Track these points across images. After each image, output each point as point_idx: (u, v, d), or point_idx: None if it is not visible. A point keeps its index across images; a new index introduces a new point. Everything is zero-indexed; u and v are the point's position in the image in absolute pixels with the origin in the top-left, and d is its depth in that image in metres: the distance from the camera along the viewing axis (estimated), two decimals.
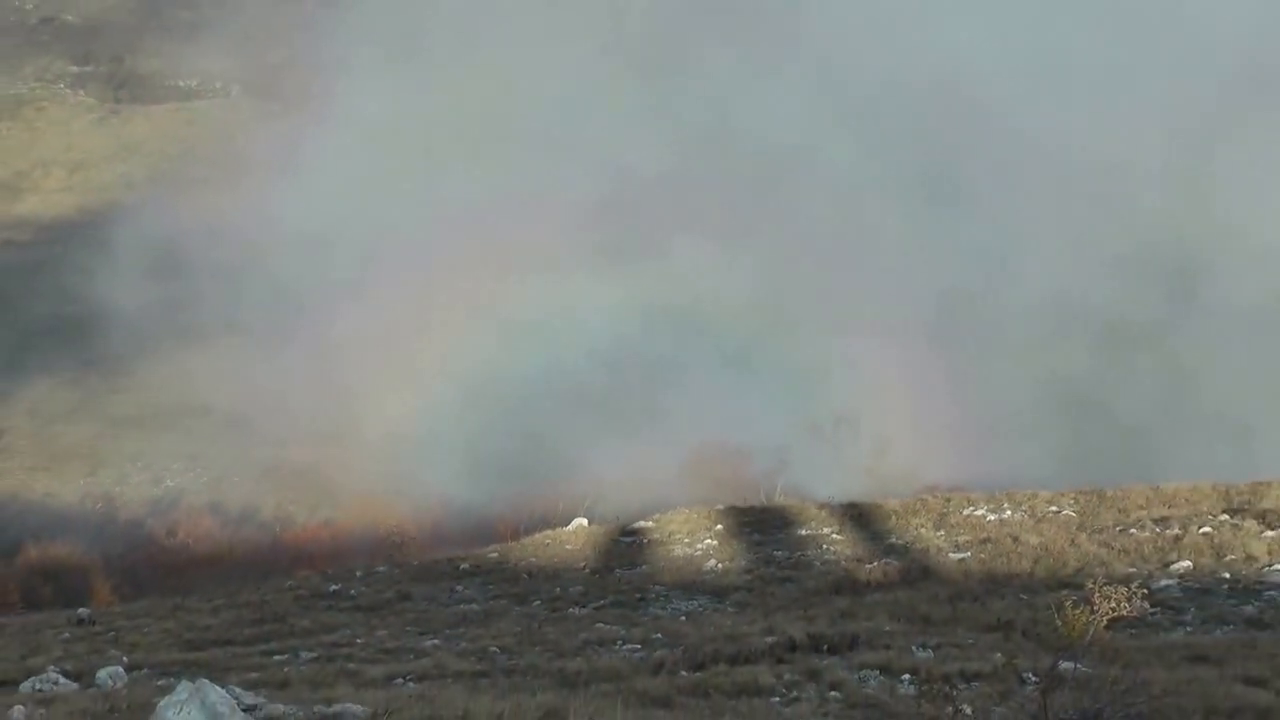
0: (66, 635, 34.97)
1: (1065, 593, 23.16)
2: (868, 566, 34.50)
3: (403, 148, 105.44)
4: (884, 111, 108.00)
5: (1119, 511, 37.22)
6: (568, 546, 41.51)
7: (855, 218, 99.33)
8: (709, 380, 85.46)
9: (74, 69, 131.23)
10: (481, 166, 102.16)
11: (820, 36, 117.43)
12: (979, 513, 39.07)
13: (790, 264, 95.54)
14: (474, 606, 34.33)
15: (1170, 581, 29.88)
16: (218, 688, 14.11)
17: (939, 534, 37.36)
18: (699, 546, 39.56)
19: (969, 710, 19.75)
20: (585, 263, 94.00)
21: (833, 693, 23.12)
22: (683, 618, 31.13)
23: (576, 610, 32.87)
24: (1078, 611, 22.17)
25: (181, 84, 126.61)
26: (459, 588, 37.12)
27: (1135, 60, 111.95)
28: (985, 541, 35.72)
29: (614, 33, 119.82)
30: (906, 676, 24.20)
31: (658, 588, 35.18)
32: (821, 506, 44.20)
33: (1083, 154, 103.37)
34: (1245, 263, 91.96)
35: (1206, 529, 33.37)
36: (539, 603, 34.12)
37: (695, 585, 35.29)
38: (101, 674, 24.82)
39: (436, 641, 29.66)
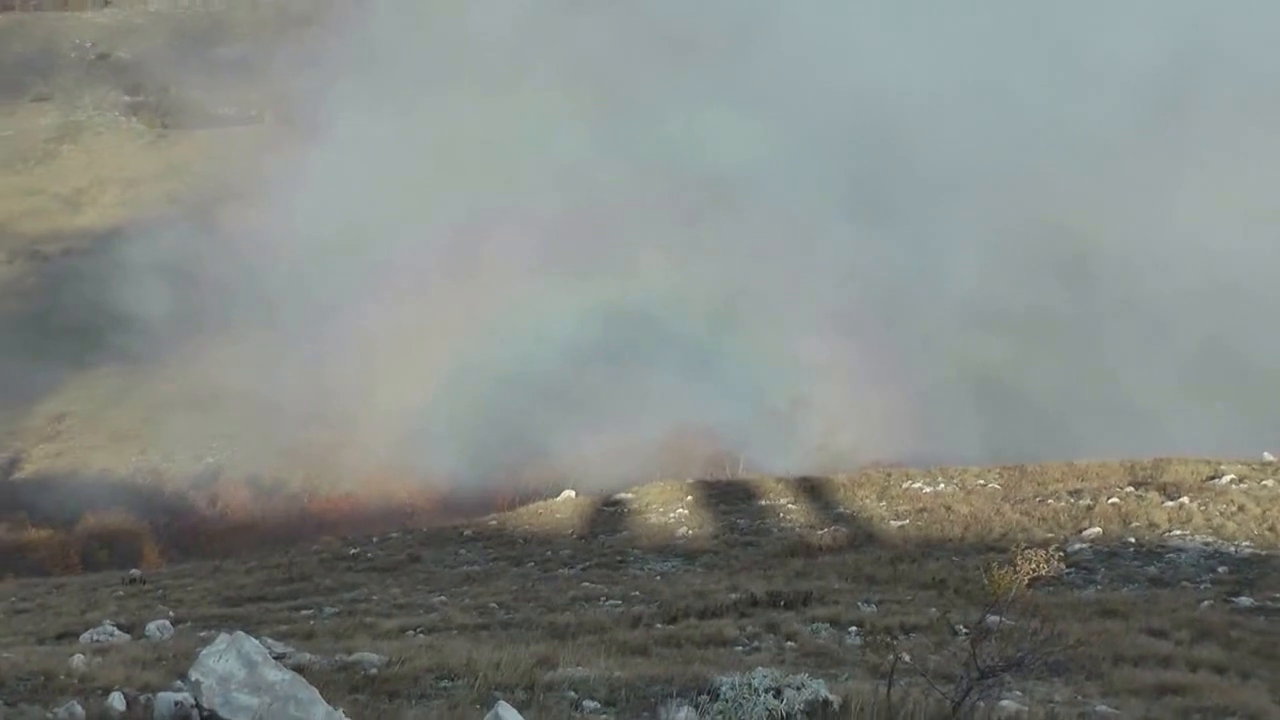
0: (120, 593, 34.87)
1: (991, 555, 23.10)
2: (819, 533, 34.45)
3: (402, 169, 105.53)
4: (821, 137, 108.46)
5: (1038, 484, 37.20)
6: (557, 515, 41.43)
7: (798, 230, 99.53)
8: (677, 371, 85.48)
9: (126, 99, 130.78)
10: (469, 187, 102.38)
11: (766, 73, 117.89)
12: (916, 486, 39.02)
13: (741, 270, 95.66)
14: (475, 568, 34.26)
15: (1083, 545, 29.86)
16: (252, 639, 13.99)
17: (881, 504, 37.33)
18: (672, 515, 39.47)
19: (907, 658, 19.71)
20: (560, 272, 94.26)
21: (789, 643, 23.05)
22: (658, 577, 31.07)
23: (565, 571, 32.81)
24: (1002, 572, 22.09)
25: (219, 111, 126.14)
26: (462, 551, 37.05)
27: (1043, 84, 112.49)
28: (921, 511, 35.69)
29: (581, 70, 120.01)
30: (853, 628, 24.16)
31: (636, 551, 35.14)
32: (779, 480, 44.09)
33: (998, 169, 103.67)
34: (1148, 263, 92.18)
35: (1114, 499, 33.35)
36: (532, 564, 34.05)
37: (669, 549, 35.23)
38: (150, 627, 24.73)
39: (443, 598, 29.57)
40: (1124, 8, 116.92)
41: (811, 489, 41.08)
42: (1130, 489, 34.24)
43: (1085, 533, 31.14)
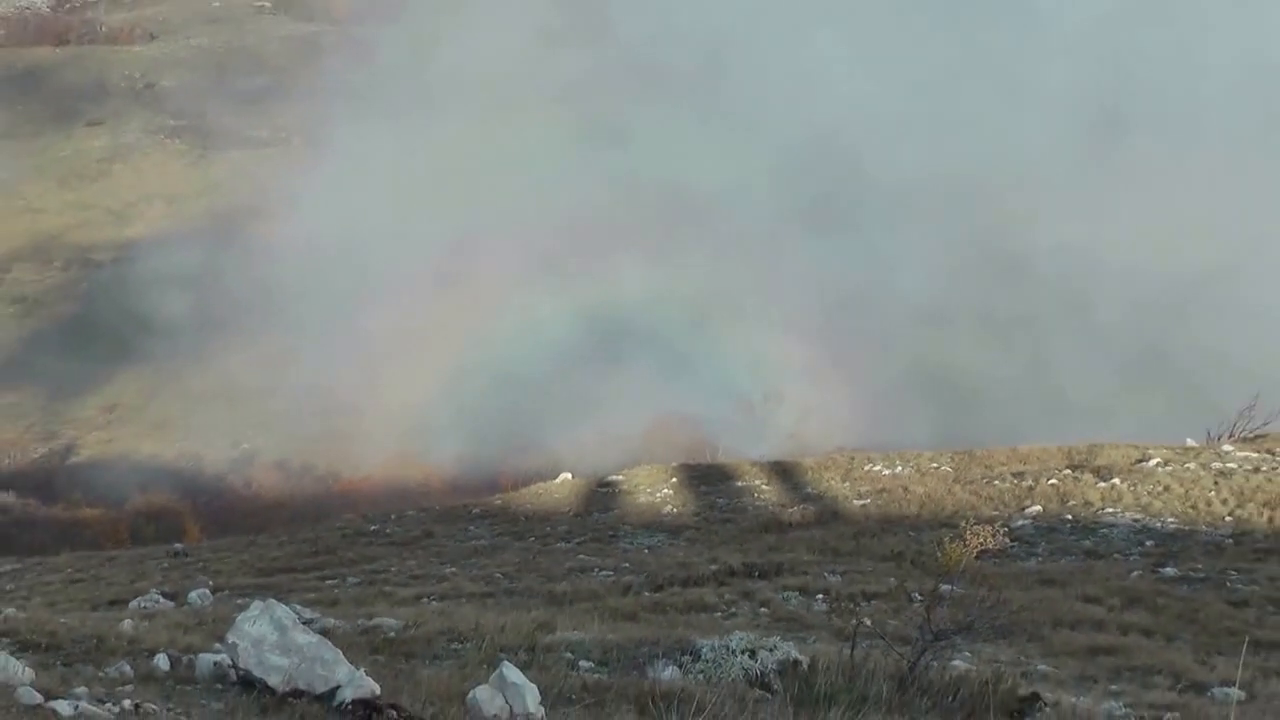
0: (165, 565, 34.83)
1: (944, 531, 23.13)
2: (790, 510, 34.49)
3: (407, 186, 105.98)
4: (787, 155, 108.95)
5: (985, 467, 37.25)
6: (555, 495, 41.43)
7: (765, 241, 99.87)
8: (660, 367, 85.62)
9: (170, 123, 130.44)
10: (467, 203, 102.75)
11: (734, 98, 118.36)
12: (876, 468, 39.05)
13: (714, 277, 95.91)
14: (482, 542, 34.25)
15: (1025, 522, 29.91)
16: (283, 605, 13.97)
17: (845, 485, 37.35)
18: (658, 495, 39.49)
19: (869, 622, 19.69)
20: (549, 279, 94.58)
21: (762, 609, 23.08)
22: (646, 550, 31.08)
23: (562, 545, 32.81)
24: (953, 545, 22.09)
25: (252, 134, 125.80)
26: (471, 528, 37.04)
27: (989, 108, 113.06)
28: (881, 491, 35.72)
29: (566, 97, 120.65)
30: (820, 596, 24.17)
31: (626, 527, 35.13)
32: (753, 464, 44.12)
33: (949, 184, 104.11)
34: (1084, 269, 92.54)
35: (1053, 481, 33.41)
36: (533, 539, 34.05)
37: (655, 525, 35.23)
38: (192, 595, 24.73)
39: (454, 569, 29.58)
40: (1063, 41, 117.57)
41: (782, 471, 41.11)
42: (1067, 471, 34.30)
43: (1027, 510, 31.19)
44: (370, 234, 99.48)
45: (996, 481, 34.70)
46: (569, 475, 44.88)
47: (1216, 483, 31.81)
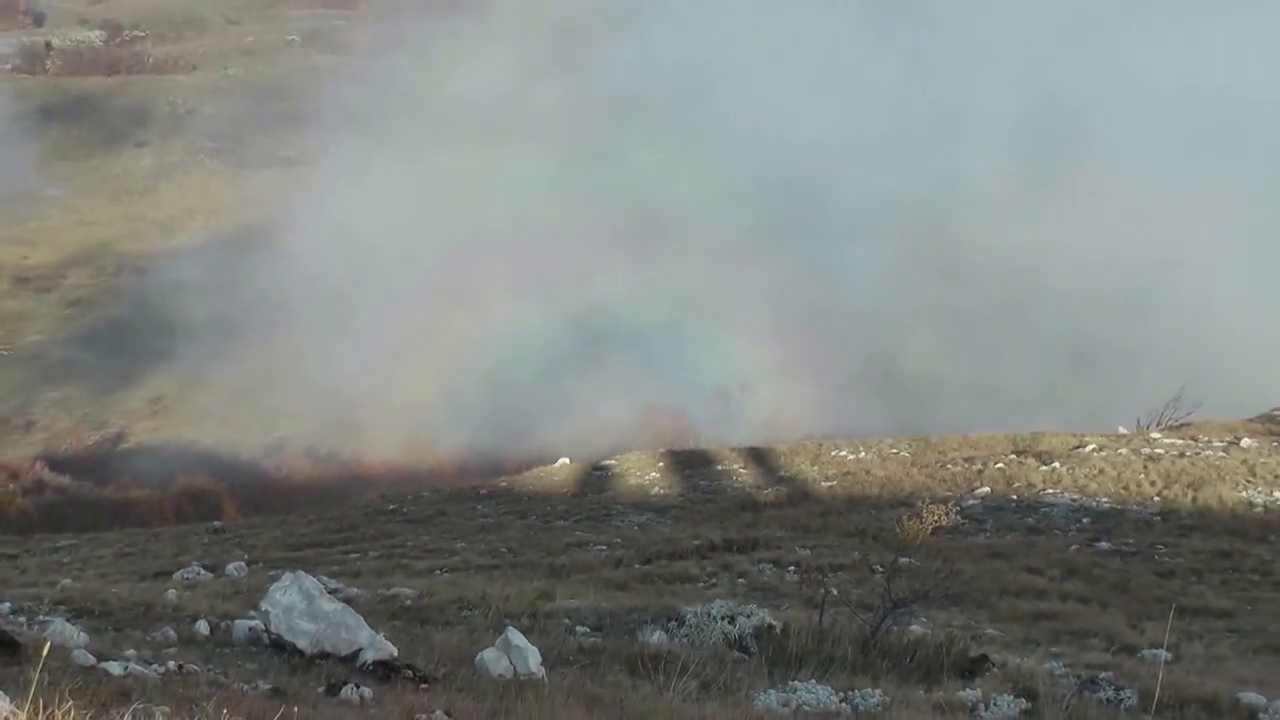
0: (205, 540, 34.77)
1: (902, 509, 23.20)
2: (764, 491, 34.43)
3: (416, 202, 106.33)
4: (755, 176, 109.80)
5: (939, 453, 37.23)
6: (555, 478, 41.37)
7: (736, 252, 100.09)
8: (646, 364, 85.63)
9: (210, 144, 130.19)
10: (468, 216, 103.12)
11: (708, 125, 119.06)
12: (842, 453, 39.02)
13: (688, 285, 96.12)
14: (489, 520, 34.20)
15: (975, 501, 29.95)
16: (310, 577, 13.97)
17: (814, 469, 37.33)
18: (647, 478, 39.46)
19: (835, 591, 19.68)
20: (544, 286, 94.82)
21: (740, 579, 23.09)
22: (636, 527, 31.05)
23: (561, 523, 32.77)
24: (911, 522, 22.20)
25: (282, 154, 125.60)
26: (479, 507, 36.97)
27: (932, 134, 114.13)
28: (846, 474, 35.71)
29: (553, 123, 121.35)
30: (792, 568, 24.19)
31: (618, 506, 35.09)
32: (732, 450, 44.07)
33: (903, 198, 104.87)
34: (1021, 274, 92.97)
35: (1000, 465, 33.43)
36: (535, 517, 34.00)
37: (644, 504, 35.19)
38: (230, 567, 24.71)
39: (463, 544, 29.55)
40: (1006, 71, 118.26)
41: (758, 456, 41.08)
42: (1013, 456, 34.32)
43: (977, 491, 31.22)
44: (383, 245, 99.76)
45: (949, 465, 34.71)
46: (567, 460, 44.80)
47: (1146, 466, 31.87)
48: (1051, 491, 30.70)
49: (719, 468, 40.15)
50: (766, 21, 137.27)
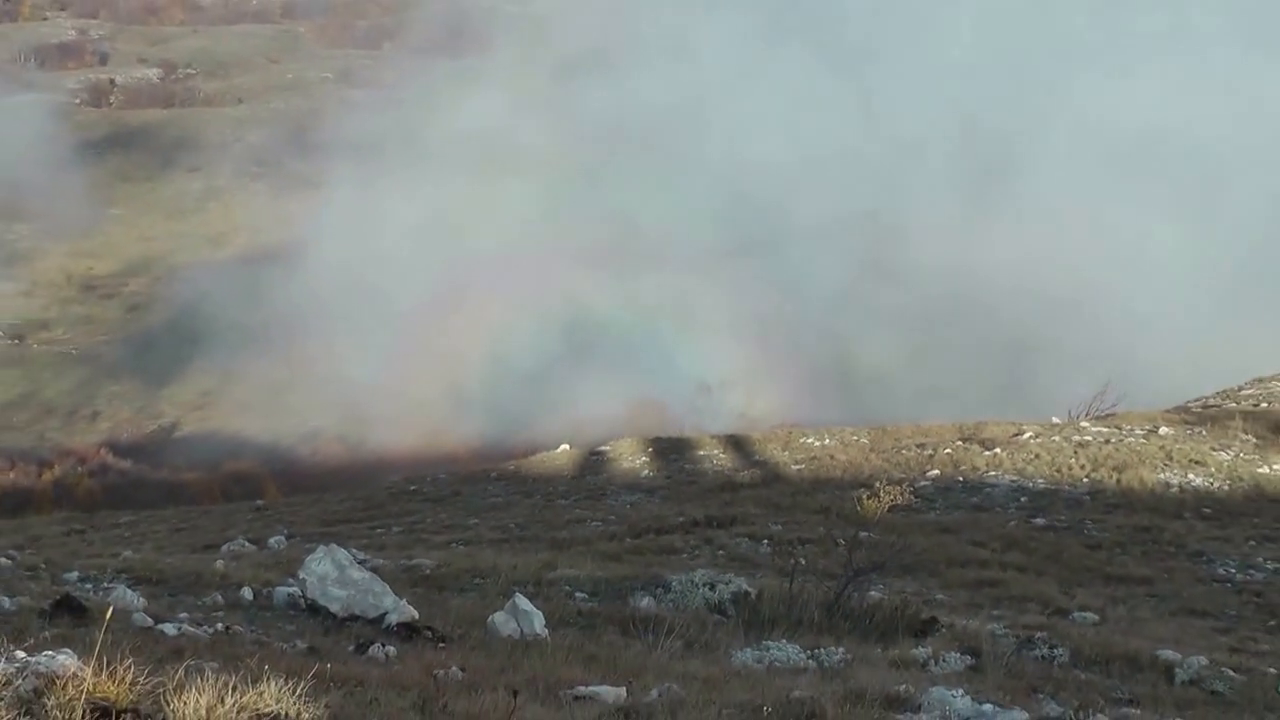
0: (249, 517, 34.72)
1: (862, 490, 23.16)
2: (741, 474, 34.42)
3: (429, 220, 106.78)
4: (725, 195, 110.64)
5: (894, 440, 37.20)
6: (557, 462, 41.30)
7: (709, 262, 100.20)
8: (634, 362, 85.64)
9: (253, 169, 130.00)
10: (476, 233, 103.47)
11: (682, 151, 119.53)
12: (809, 440, 38.97)
13: (670, 293, 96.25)
14: (499, 499, 34.15)
15: (926, 482, 29.91)
16: (341, 549, 13.99)
17: (785, 454, 37.30)
18: (637, 462, 39.40)
19: (803, 561, 19.72)
20: (542, 295, 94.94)
21: (720, 551, 23.07)
22: (628, 505, 31.02)
23: (562, 501, 32.73)
24: (870, 501, 22.19)
25: (316, 178, 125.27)
26: (490, 488, 36.90)
27: (883, 150, 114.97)
28: (813, 459, 35.68)
29: (551, 150, 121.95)
30: (765, 541, 24.16)
31: (612, 487, 35.04)
32: (712, 437, 43.96)
33: (856, 215, 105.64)
34: (967, 278, 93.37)
35: (949, 450, 33.41)
36: (539, 497, 33.94)
37: (635, 486, 35.16)
38: (271, 541, 24.66)
39: (476, 521, 29.52)
40: (951, 100, 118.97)
41: (735, 443, 41.02)
42: (960, 443, 34.31)
43: (928, 474, 31.19)
44: (398, 259, 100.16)
45: (903, 451, 34.69)
46: (567, 446, 44.68)
47: (1076, 452, 31.87)
48: (993, 474, 30.69)
49: (700, 453, 40.11)
50: (734, 61, 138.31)
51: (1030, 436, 33.83)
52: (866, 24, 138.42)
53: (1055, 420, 37.39)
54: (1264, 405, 36.68)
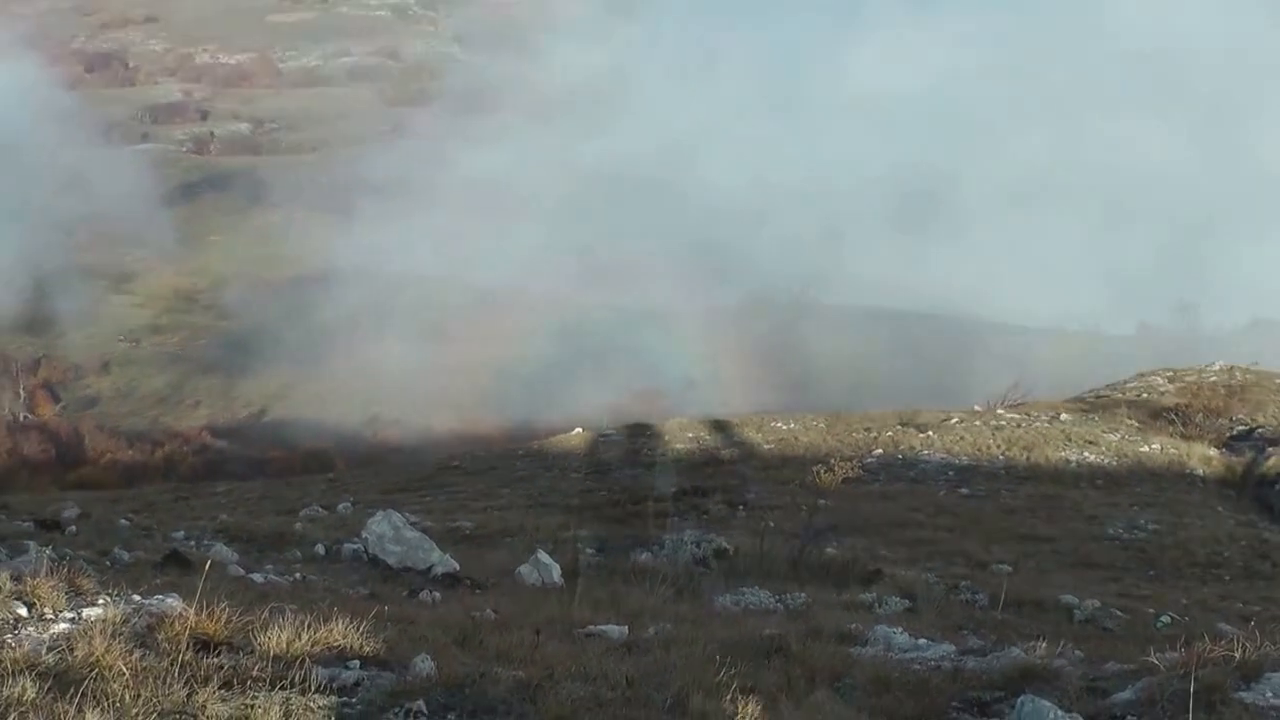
0: (322, 487, 34.60)
1: (820, 465, 23.11)
2: (722, 452, 34.38)
3: (458, 245, 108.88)
4: (692, 224, 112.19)
5: (846, 425, 37.08)
6: (572, 442, 41.08)
7: (678, 279, 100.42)
8: (631, 359, 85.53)
9: (324, 205, 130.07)
10: (498, 255, 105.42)
11: (657, 190, 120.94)
12: (778, 424, 38.80)
13: (652, 299, 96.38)
14: (525, 472, 34.06)
15: (872, 459, 29.83)
16: (397, 513, 14.03)
17: (758, 435, 37.18)
18: (638, 443, 39.27)
19: (773, 524, 19.67)
20: (550, 305, 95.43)
21: (704, 515, 23.02)
22: (629, 478, 31.00)
23: (576, 475, 32.68)
24: (827, 475, 22.13)
25: (376, 213, 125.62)
26: (518, 463, 36.71)
27: (822, 182, 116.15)
28: (781, 440, 35.57)
29: (555, 188, 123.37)
30: (741, 507, 24.11)
31: (616, 462, 34.99)
32: (699, 421, 43.91)
33: (799, 237, 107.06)
34: (904, 296, 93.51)
35: (890, 433, 33.35)
36: (558, 471, 33.88)
37: (635, 462, 35.07)
38: (340, 506, 24.58)
39: (507, 490, 29.48)
40: (887, 139, 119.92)
41: (717, 426, 40.96)
42: (899, 427, 34.23)
43: (874, 452, 31.12)
44: (441, 276, 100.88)
45: (854, 434, 34.62)
46: (580, 429, 44.67)
47: (994, 434, 31.83)
48: (926, 453, 30.64)
49: (689, 434, 40.05)
50: (699, 110, 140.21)
51: (956, 422, 33.79)
52: (819, 84, 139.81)
53: (977, 408, 37.31)
54: (1144, 396, 36.59)
